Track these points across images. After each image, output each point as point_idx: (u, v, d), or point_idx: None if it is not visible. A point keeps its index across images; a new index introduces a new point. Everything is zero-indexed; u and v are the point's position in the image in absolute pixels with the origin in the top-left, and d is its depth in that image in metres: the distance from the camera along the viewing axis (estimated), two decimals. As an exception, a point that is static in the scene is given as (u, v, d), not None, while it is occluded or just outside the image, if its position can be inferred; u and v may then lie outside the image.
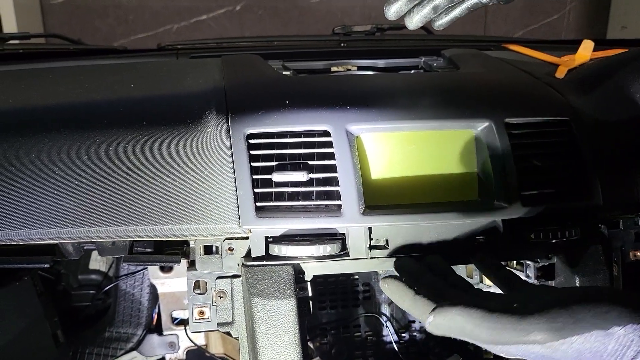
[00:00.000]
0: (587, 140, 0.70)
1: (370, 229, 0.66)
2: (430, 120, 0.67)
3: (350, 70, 0.98)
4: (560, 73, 0.83)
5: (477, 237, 0.68)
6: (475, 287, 0.58)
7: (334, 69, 0.99)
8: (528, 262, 0.75)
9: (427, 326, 0.51)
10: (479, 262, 0.65)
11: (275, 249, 0.64)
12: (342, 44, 1.20)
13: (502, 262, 0.77)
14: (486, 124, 0.67)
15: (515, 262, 0.78)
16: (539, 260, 0.73)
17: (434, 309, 0.51)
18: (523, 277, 0.76)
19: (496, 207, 0.66)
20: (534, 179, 0.68)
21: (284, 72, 0.89)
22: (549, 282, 0.74)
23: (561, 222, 0.69)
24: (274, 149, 0.65)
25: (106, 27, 3.20)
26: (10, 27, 2.86)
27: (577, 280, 0.71)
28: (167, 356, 1.17)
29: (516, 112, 0.69)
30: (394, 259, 0.67)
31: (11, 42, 1.29)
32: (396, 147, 0.67)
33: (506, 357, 0.49)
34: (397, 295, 0.57)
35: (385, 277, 0.59)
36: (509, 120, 0.68)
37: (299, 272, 0.66)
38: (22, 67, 0.97)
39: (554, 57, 0.90)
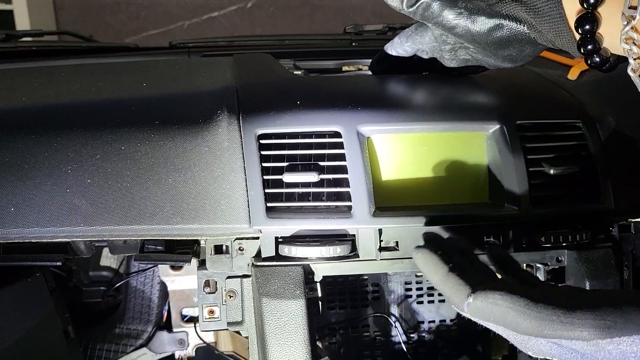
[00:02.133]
0: (599, 143, 0.70)
1: (380, 231, 0.66)
2: (441, 122, 0.67)
3: (361, 70, 0.98)
4: (573, 75, 0.83)
5: (487, 240, 0.68)
6: None
7: (345, 68, 0.99)
8: (538, 265, 0.74)
9: (464, 308, 0.49)
10: (493, 259, 0.62)
11: (285, 250, 0.64)
12: (353, 43, 1.21)
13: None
14: (498, 126, 0.67)
15: (525, 265, 0.77)
16: (549, 263, 0.73)
17: (473, 291, 0.48)
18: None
19: (507, 210, 0.66)
20: (545, 182, 0.67)
21: (295, 72, 0.89)
22: (559, 285, 0.73)
23: (572, 226, 0.69)
24: (285, 149, 0.65)
25: (118, 23, 3.22)
26: (23, 23, 2.88)
27: (587, 283, 0.70)
28: (177, 353, 1.18)
29: (528, 114, 0.69)
30: (403, 261, 0.67)
31: (24, 39, 1.30)
32: (407, 148, 0.67)
33: (534, 356, 0.47)
34: (429, 268, 0.54)
35: (418, 247, 0.56)
36: (520, 123, 0.68)
37: (308, 273, 0.66)
38: (35, 64, 0.98)
39: (566, 58, 0.89)
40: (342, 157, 0.65)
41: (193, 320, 1.16)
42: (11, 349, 0.89)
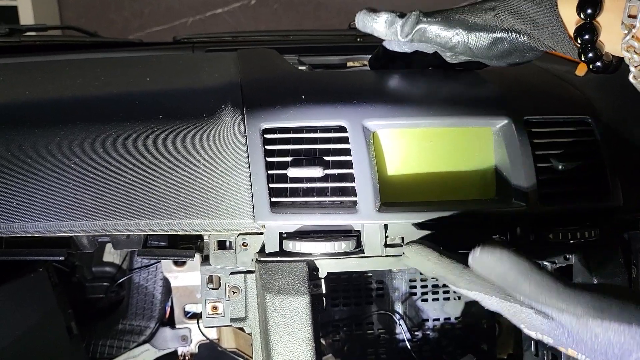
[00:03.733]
0: (607, 139, 0.69)
1: (386, 226, 0.66)
2: (448, 117, 0.66)
3: (366, 65, 0.98)
4: (581, 71, 0.82)
5: (494, 236, 0.68)
6: None
7: (350, 64, 0.99)
8: (545, 262, 0.74)
9: (470, 260, 0.49)
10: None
11: (290, 245, 0.63)
12: (358, 39, 1.20)
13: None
14: (505, 121, 0.66)
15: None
16: (556, 261, 0.72)
17: (481, 245, 0.49)
18: None
19: (514, 206, 0.65)
20: (553, 178, 0.67)
21: (299, 67, 0.89)
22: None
23: (580, 223, 0.68)
24: (289, 144, 0.65)
25: (121, 20, 3.22)
26: (27, 18, 2.88)
27: (595, 281, 0.70)
28: (180, 349, 1.17)
29: (536, 109, 0.68)
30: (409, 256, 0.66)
31: (28, 33, 1.30)
32: (413, 143, 0.67)
33: (524, 330, 0.47)
34: (421, 255, 0.55)
35: (409, 242, 0.58)
36: (528, 118, 0.67)
37: (313, 269, 0.65)
38: (39, 59, 0.97)
39: (574, 54, 0.88)
40: (347, 151, 0.64)
41: (196, 316, 1.15)
42: (14, 344, 0.88)
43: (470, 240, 0.66)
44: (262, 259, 0.65)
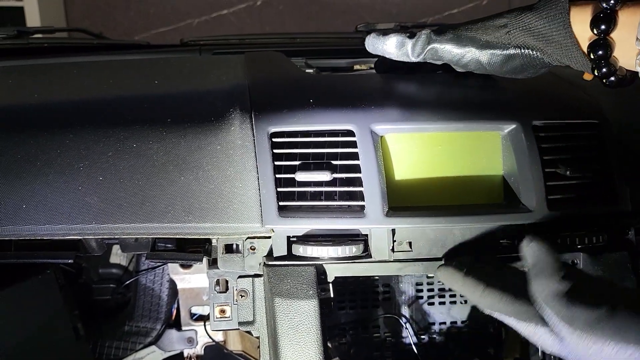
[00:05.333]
0: (616, 144, 0.69)
1: (393, 231, 0.66)
2: (456, 122, 0.66)
3: (372, 68, 0.98)
4: (589, 75, 0.82)
5: (502, 241, 0.67)
6: None
7: (356, 67, 0.99)
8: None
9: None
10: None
11: (300, 249, 0.63)
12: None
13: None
14: (513, 125, 0.66)
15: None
16: (564, 265, 0.72)
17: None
18: None
19: (522, 211, 0.65)
20: (561, 183, 0.67)
21: (307, 70, 0.89)
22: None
23: (588, 227, 0.68)
24: (297, 148, 0.65)
25: (127, 20, 3.22)
26: (33, 19, 2.89)
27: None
28: (186, 351, 1.17)
29: (544, 114, 0.68)
30: (415, 263, 0.66)
31: (36, 36, 1.30)
32: (421, 148, 0.67)
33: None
34: (449, 279, 0.60)
35: (439, 266, 0.64)
36: (536, 123, 0.67)
37: (321, 273, 0.65)
38: (47, 61, 0.98)
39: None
40: (355, 156, 0.64)
41: (202, 318, 1.15)
42: (21, 345, 0.89)
43: (477, 244, 0.67)
44: (270, 262, 0.65)
